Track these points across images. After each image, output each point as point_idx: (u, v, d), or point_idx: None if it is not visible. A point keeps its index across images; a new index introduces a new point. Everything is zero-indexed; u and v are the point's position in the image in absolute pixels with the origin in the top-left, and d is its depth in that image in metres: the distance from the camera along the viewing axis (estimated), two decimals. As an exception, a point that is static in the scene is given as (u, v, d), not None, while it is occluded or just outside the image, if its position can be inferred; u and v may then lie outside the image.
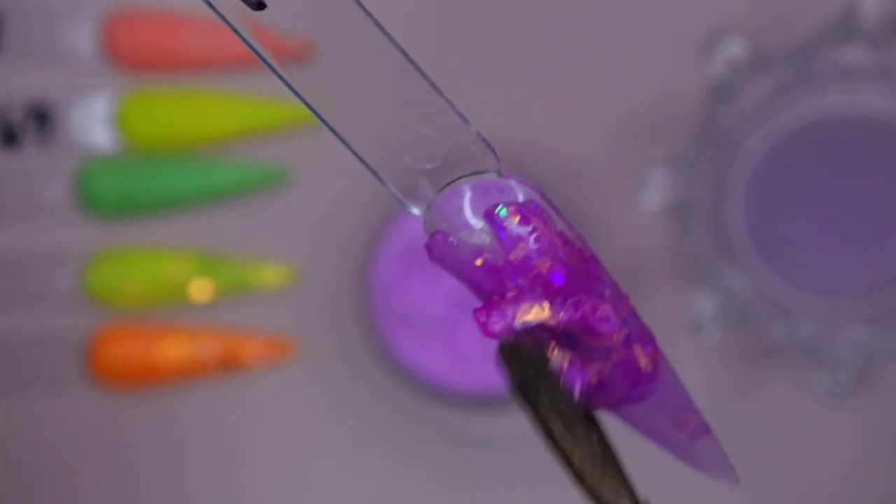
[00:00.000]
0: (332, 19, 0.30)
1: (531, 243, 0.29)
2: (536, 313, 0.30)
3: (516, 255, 0.29)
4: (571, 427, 0.30)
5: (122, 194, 0.58)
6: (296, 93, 0.29)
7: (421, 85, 0.30)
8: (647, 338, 0.30)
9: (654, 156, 0.52)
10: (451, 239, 0.30)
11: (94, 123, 0.58)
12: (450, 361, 0.54)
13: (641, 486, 0.55)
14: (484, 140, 0.30)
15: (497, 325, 0.30)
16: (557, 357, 0.30)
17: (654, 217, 0.54)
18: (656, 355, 0.30)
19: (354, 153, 0.30)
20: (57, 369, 0.57)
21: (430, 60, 0.58)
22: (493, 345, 0.36)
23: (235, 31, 0.29)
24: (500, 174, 0.30)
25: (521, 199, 0.30)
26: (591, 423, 0.30)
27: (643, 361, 0.30)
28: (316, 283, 0.57)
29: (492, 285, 0.30)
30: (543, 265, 0.29)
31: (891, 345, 0.50)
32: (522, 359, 0.30)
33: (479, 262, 0.30)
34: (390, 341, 0.54)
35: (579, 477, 0.30)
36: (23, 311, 0.58)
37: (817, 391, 0.51)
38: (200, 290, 0.57)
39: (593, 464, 0.30)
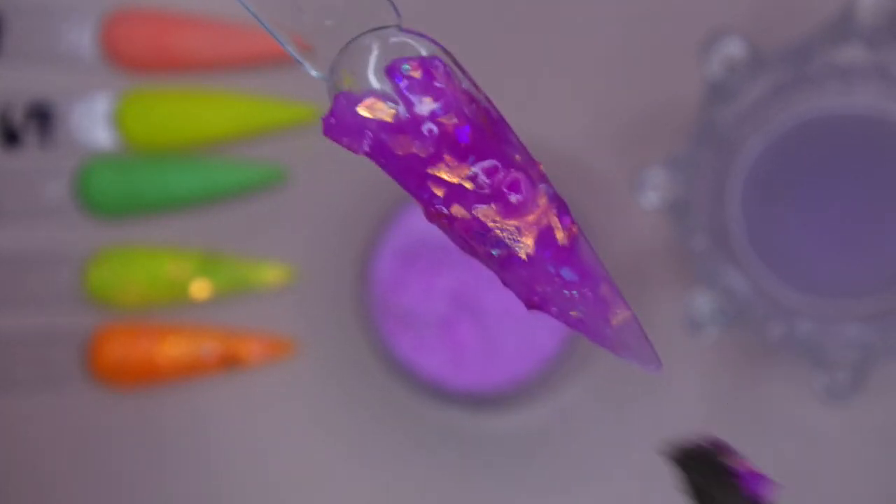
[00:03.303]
0: None
1: (435, 98, 0.29)
2: (380, 110, 0.28)
3: (420, 110, 0.28)
4: None
5: (123, 194, 0.58)
6: None
7: None
8: (562, 209, 0.29)
9: (652, 156, 0.52)
10: (354, 98, 0.28)
11: (94, 123, 0.58)
12: (449, 360, 0.54)
13: (635, 493, 0.55)
14: None
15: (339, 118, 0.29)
16: (731, 460, 0.30)
17: (652, 217, 0.54)
18: (572, 228, 0.29)
19: (250, 12, 0.28)
20: (57, 368, 0.57)
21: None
22: (491, 345, 0.36)
23: None
24: (400, 29, 0.29)
25: (423, 53, 0.29)
26: None
27: (560, 235, 0.29)
28: (315, 283, 0.57)
29: (397, 145, 0.29)
30: (449, 121, 0.28)
31: (889, 344, 0.50)
32: (697, 463, 0.30)
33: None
34: (389, 340, 0.54)
35: None
36: (23, 311, 0.58)
37: (816, 390, 0.51)
38: (200, 289, 0.57)
39: None
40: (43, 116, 0.58)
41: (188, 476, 0.57)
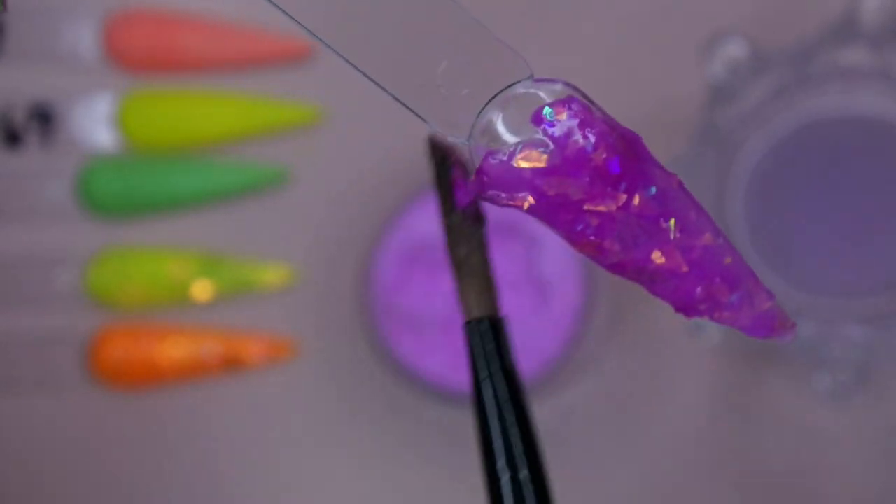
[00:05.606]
0: None
1: (583, 136, 0.29)
2: (535, 158, 0.29)
3: (571, 150, 0.29)
4: (457, 225, 0.34)
5: (124, 194, 0.58)
6: (331, 47, 0.29)
7: (440, 8, 0.30)
8: (703, 217, 0.30)
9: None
10: (500, 155, 0.29)
11: (95, 124, 0.58)
12: (450, 361, 0.54)
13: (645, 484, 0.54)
14: (511, 48, 0.30)
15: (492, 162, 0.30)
16: (453, 169, 0.33)
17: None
18: (714, 238, 0.30)
19: (394, 97, 0.29)
20: (58, 369, 0.57)
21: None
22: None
23: None
24: (532, 79, 0.30)
25: (556, 97, 0.30)
26: (474, 235, 0.33)
27: (709, 242, 0.30)
28: (317, 284, 0.57)
29: (554, 189, 0.29)
30: (599, 157, 0.29)
31: (890, 345, 0.50)
32: (436, 153, 0.34)
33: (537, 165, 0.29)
34: (390, 341, 0.54)
35: (454, 265, 0.34)
36: (24, 311, 0.58)
37: (817, 391, 0.51)
38: (201, 290, 0.57)
39: (465, 260, 0.34)
40: (44, 117, 0.58)
41: (189, 477, 0.57)
